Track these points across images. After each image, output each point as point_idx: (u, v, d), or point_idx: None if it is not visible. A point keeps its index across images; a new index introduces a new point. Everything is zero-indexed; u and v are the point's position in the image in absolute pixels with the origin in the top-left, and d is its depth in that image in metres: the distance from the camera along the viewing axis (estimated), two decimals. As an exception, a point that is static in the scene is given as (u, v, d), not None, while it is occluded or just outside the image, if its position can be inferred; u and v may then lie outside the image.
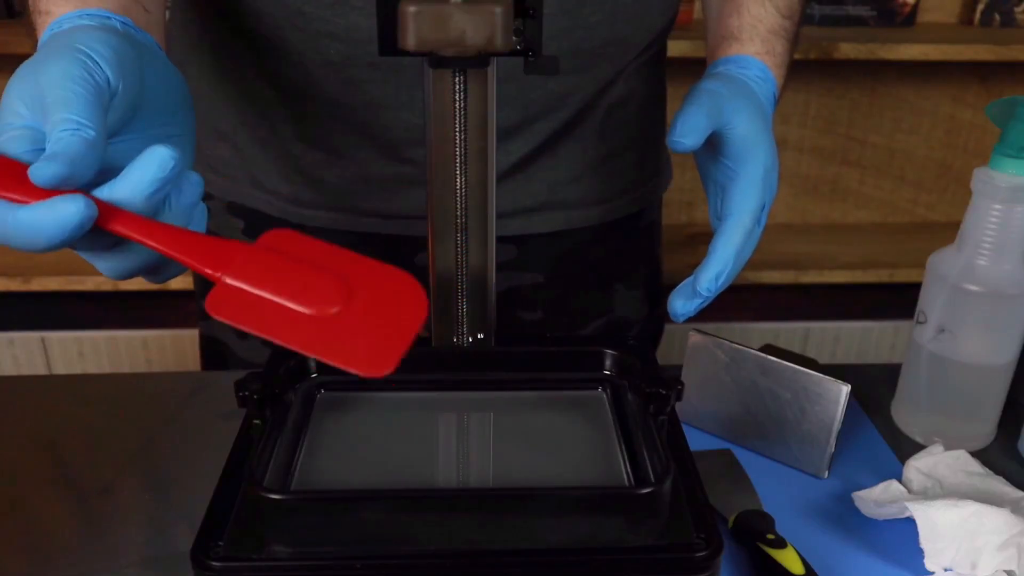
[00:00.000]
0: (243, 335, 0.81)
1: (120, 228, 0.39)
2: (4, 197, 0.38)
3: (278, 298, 0.39)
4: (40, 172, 0.37)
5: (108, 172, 0.40)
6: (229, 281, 0.39)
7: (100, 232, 0.39)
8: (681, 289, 0.56)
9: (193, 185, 0.42)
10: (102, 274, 0.42)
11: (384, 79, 0.65)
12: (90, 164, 0.39)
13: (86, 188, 0.39)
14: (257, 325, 0.38)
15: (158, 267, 0.42)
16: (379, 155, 0.71)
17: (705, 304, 0.56)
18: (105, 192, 0.39)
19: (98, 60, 0.41)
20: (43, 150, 0.39)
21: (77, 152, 0.38)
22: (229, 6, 0.65)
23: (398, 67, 0.64)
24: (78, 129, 0.39)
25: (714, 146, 0.58)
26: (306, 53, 0.64)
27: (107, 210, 0.39)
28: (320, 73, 0.65)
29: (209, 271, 0.39)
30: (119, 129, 0.43)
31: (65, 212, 0.37)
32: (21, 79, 0.41)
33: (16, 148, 0.40)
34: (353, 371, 0.38)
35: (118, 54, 0.42)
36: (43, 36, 0.47)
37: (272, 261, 0.40)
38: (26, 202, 0.38)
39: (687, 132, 0.55)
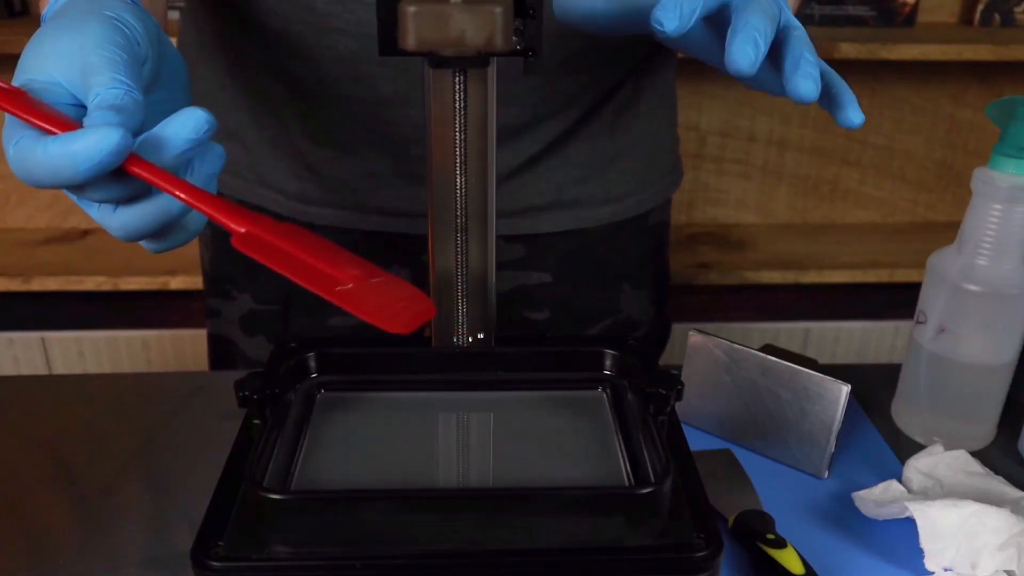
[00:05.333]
0: (252, 333, 0.81)
1: (148, 175, 0.39)
2: (38, 126, 0.38)
3: (302, 255, 0.40)
4: (104, 118, 0.38)
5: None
6: (252, 231, 0.40)
7: (123, 178, 0.39)
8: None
9: (216, 156, 0.43)
10: (110, 234, 0.42)
11: (394, 75, 0.65)
12: (136, 124, 0.39)
13: None
14: (282, 266, 0.39)
15: (167, 229, 0.42)
16: (386, 152, 0.71)
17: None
18: (137, 143, 0.39)
19: (133, 29, 0.43)
20: (70, 105, 0.40)
21: (134, 109, 0.39)
22: (238, 4, 0.65)
23: (407, 63, 0.64)
24: (129, 90, 0.40)
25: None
26: (316, 49, 0.64)
27: (136, 159, 0.39)
28: (330, 69, 0.65)
29: (232, 224, 0.40)
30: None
31: (103, 137, 0.37)
32: (50, 39, 0.42)
33: (45, 99, 0.40)
34: (374, 323, 0.39)
35: (145, 26, 0.44)
36: (53, 2, 0.47)
37: (293, 232, 0.41)
38: (55, 134, 0.38)
39: (671, 15, 0.43)
